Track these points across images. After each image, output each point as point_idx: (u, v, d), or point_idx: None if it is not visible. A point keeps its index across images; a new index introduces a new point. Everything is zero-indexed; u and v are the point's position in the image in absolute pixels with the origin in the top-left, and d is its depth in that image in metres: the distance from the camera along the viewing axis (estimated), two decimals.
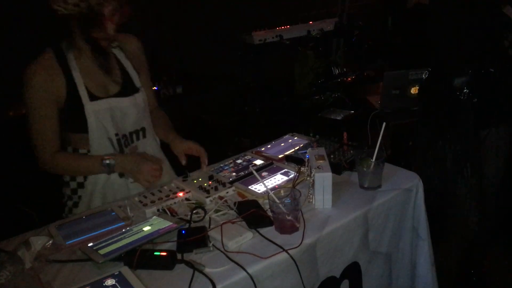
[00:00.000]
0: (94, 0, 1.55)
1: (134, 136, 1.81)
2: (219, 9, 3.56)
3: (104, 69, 1.73)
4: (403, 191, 1.56)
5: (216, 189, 1.59)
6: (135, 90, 1.80)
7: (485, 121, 1.93)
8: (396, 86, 2.62)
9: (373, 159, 1.52)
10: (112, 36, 1.68)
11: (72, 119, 1.67)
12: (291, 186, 1.55)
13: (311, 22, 3.76)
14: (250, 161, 1.82)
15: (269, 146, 1.97)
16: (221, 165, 1.82)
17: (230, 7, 3.56)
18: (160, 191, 1.61)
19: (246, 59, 3.62)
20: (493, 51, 1.81)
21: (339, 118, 3.38)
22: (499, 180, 2.06)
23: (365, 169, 1.53)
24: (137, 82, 1.82)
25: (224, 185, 1.62)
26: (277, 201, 1.34)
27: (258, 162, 1.80)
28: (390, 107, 2.72)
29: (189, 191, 1.60)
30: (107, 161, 1.64)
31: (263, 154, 1.88)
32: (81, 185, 1.76)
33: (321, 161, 1.51)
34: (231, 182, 1.64)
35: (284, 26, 3.65)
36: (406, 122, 2.58)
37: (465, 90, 1.83)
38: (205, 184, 1.63)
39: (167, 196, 1.57)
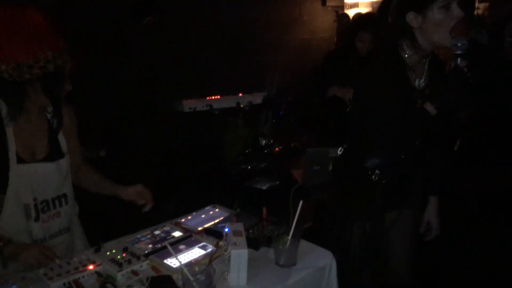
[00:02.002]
0: (60, 60, 1.56)
1: (57, 202, 1.76)
2: (149, 76, 3.60)
3: (36, 133, 1.71)
4: (317, 270, 1.58)
5: (129, 262, 1.53)
6: (61, 155, 1.77)
7: (392, 204, 2.04)
8: (317, 162, 2.72)
9: (289, 237, 1.55)
10: (69, 89, 1.68)
11: None
12: (208, 262, 1.53)
13: (240, 94, 3.89)
14: (168, 233, 1.79)
15: (189, 217, 1.95)
16: (138, 236, 1.77)
17: (161, 74, 3.62)
18: (69, 263, 1.52)
19: (176, 126, 3.65)
20: (406, 142, 1.95)
21: (264, 187, 3.43)
22: (408, 261, 2.15)
23: (281, 246, 1.55)
24: (64, 147, 1.79)
25: (138, 258, 1.56)
26: (191, 278, 1.32)
27: (177, 234, 1.78)
28: (311, 182, 2.81)
29: (100, 264, 1.53)
30: None
31: (182, 225, 1.85)
32: None
33: (238, 237, 1.51)
34: (146, 255, 1.59)
35: (214, 96, 3.74)
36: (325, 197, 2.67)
37: (377, 172, 1.95)
38: (119, 257, 1.57)
39: (76, 268, 1.49)
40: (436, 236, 2.22)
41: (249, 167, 3.87)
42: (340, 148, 2.28)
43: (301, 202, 1.61)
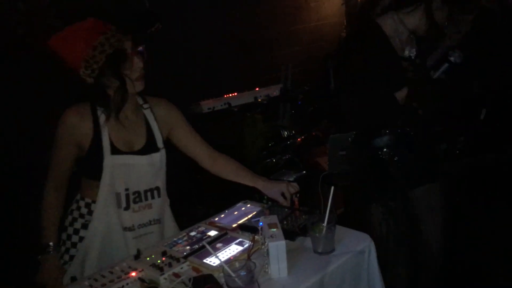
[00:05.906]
0: (112, 39, 1.73)
1: (149, 194, 1.90)
2: (166, 80, 3.62)
3: (135, 128, 1.89)
4: (356, 254, 1.58)
5: (170, 265, 1.55)
6: (155, 149, 1.92)
7: (414, 180, 2.03)
8: (341, 148, 2.70)
9: (325, 224, 1.54)
10: (142, 74, 1.84)
11: (90, 166, 1.82)
12: (246, 257, 1.54)
13: (257, 89, 3.88)
14: (204, 233, 1.80)
15: (222, 215, 1.96)
16: (174, 239, 1.79)
17: (178, 77, 3.62)
18: (112, 272, 1.56)
19: (195, 128, 3.66)
20: (405, 113, 1.94)
21: (291, 179, 3.43)
22: (441, 237, 2.12)
23: (317, 234, 1.55)
24: (160, 143, 1.94)
25: (178, 260, 1.58)
26: (232, 274, 1.33)
27: (212, 233, 1.79)
28: (337, 168, 2.79)
29: (142, 270, 1.55)
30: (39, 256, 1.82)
31: (216, 224, 1.87)
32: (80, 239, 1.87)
33: (274, 229, 1.52)
34: (185, 257, 1.61)
35: (231, 94, 3.74)
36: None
37: (385, 150, 1.95)
38: (158, 261, 1.59)
39: (119, 277, 1.52)
40: None
41: (273, 161, 3.87)
42: (351, 135, 2.28)
43: (332, 188, 1.61)
